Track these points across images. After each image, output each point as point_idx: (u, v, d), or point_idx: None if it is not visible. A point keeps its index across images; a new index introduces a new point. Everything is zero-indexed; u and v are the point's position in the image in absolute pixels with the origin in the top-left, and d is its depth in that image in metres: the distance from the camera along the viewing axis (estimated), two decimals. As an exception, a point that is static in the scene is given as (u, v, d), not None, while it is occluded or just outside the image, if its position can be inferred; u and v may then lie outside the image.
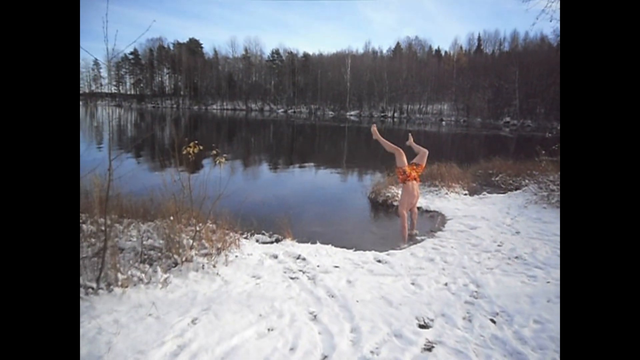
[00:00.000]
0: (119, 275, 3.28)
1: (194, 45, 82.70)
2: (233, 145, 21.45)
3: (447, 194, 8.07)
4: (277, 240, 5.33)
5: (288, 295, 3.36)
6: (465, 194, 8.25)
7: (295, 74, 76.39)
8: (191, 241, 4.08)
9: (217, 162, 4.34)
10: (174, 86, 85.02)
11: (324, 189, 9.68)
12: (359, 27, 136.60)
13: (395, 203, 7.53)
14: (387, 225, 6.37)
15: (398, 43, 74.30)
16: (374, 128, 6.34)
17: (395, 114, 63.66)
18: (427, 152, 5.98)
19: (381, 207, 7.54)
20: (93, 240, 4.42)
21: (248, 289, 3.44)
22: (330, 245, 5.07)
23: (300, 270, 4.03)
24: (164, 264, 3.85)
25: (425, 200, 7.76)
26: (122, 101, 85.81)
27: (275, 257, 4.42)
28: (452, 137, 32.01)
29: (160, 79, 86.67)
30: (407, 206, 5.70)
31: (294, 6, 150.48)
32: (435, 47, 73.05)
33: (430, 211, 7.15)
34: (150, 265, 3.77)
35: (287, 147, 22.16)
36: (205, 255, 4.09)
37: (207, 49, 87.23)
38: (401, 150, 5.86)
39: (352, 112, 66.41)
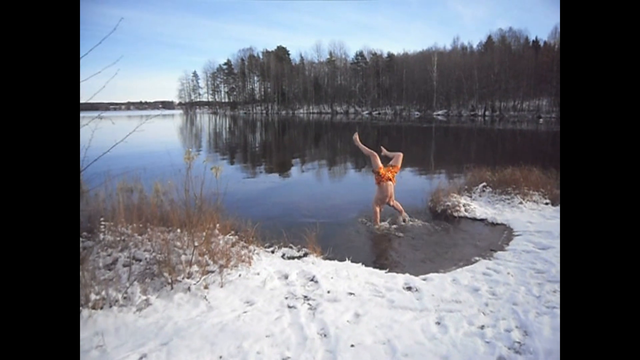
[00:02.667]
0: (92, 295, 3.00)
1: (281, 53, 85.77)
2: (319, 148, 21.20)
3: (521, 203, 6.80)
4: (305, 255, 4.79)
5: (269, 332, 2.79)
6: (547, 204, 6.89)
7: (380, 75, 75.12)
8: (190, 256, 3.72)
9: (213, 171, 3.92)
10: (263, 93, 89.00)
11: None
12: (448, 24, 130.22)
13: (455, 214, 6.55)
14: (438, 241, 5.46)
15: (489, 36, 68.12)
16: (355, 135, 6.82)
17: (487, 112, 58.96)
18: (401, 154, 6.51)
19: (439, 217, 6.58)
20: (110, 250, 4.31)
21: (226, 320, 2.94)
22: (359, 265, 4.40)
23: (305, 297, 3.44)
24: (157, 282, 3.53)
25: (494, 210, 6.63)
26: (218, 108, 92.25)
27: (286, 277, 3.88)
28: (552, 136, 28.54)
29: (251, 86, 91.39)
30: (380, 203, 6.20)
31: (379, 7, 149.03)
32: (532, 38, 66.26)
33: (497, 224, 6.05)
34: (144, 282, 3.48)
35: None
36: (207, 273, 3.70)
37: (294, 55, 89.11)
38: (375, 154, 6.36)
39: (439, 112, 63.16)
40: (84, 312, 2.88)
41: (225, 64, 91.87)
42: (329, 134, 31.42)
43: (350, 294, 3.53)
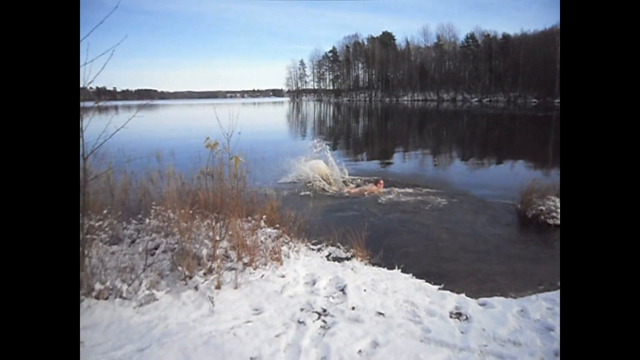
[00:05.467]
0: (97, 285, 2.89)
1: (386, 39, 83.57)
2: (423, 137, 20.01)
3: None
4: (352, 257, 4.27)
5: (257, 353, 2.37)
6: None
7: (493, 59, 68.85)
8: (211, 250, 3.47)
9: (233, 161, 3.60)
10: (367, 80, 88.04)
11: (472, 189, 7.61)
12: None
13: (550, 221, 5.39)
14: (518, 254, 4.49)
15: None
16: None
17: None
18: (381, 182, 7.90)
19: (529, 224, 5.49)
20: (154, 235, 4.29)
21: (218, 330, 2.60)
22: (409, 276, 3.77)
23: (323, 311, 2.94)
24: (176, 274, 3.35)
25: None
26: (322, 96, 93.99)
27: (314, 283, 3.42)
28: None
29: (355, 73, 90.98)
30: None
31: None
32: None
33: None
34: (163, 274, 3.33)
35: (476, 141, 19.19)
36: (226, 269, 3.43)
37: (400, 40, 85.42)
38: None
39: (562, 99, 55.92)
40: (85, 303, 2.78)
41: (330, 51, 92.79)
42: (433, 123, 29.58)
43: (380, 314, 2.94)
